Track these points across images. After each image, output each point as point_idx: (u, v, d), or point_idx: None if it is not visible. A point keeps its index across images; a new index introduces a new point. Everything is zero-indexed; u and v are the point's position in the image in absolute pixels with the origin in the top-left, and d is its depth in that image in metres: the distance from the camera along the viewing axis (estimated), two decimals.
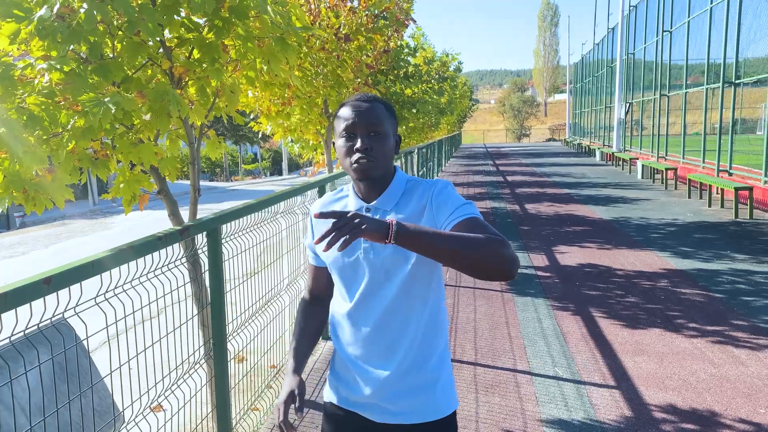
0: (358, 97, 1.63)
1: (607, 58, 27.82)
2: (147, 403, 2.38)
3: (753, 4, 11.29)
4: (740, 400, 3.60)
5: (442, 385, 1.65)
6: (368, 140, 1.57)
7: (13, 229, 19.93)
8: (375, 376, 1.63)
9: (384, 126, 1.59)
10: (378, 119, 1.58)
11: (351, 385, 1.69)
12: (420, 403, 1.62)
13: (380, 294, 1.61)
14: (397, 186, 1.64)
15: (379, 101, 1.63)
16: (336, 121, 1.64)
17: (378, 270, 1.60)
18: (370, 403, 1.65)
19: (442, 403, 1.65)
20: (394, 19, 6.93)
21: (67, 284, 1.77)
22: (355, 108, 1.59)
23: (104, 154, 2.83)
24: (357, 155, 1.56)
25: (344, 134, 1.59)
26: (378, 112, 1.60)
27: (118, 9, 2.42)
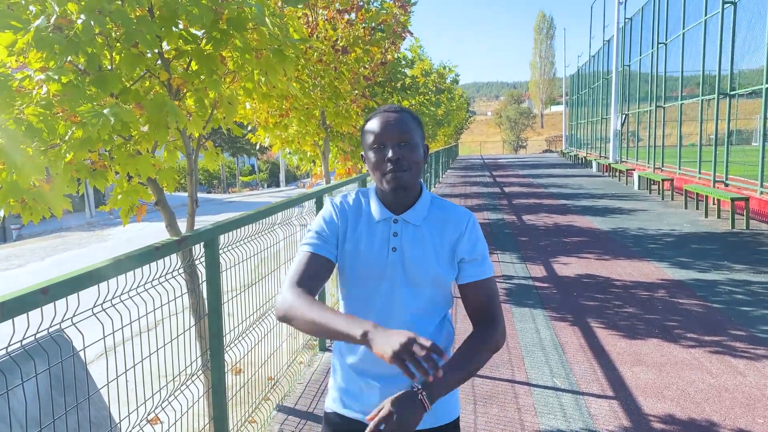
0: (385, 108, 1.63)
1: (602, 69, 28.00)
2: (144, 415, 2.36)
3: (747, 17, 11.40)
4: (738, 411, 3.59)
5: None
6: (399, 150, 1.56)
7: (9, 242, 19.88)
8: (384, 386, 1.63)
9: (414, 135, 1.59)
10: (408, 129, 1.58)
11: (357, 395, 1.68)
12: None
13: (395, 303, 1.61)
14: (424, 201, 1.65)
15: (407, 111, 1.63)
16: (365, 134, 1.63)
17: (401, 279, 1.60)
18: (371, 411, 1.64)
19: (447, 410, 1.67)
20: (391, 31, 6.98)
21: (65, 294, 1.77)
22: (384, 119, 1.59)
23: (102, 165, 2.83)
24: (389, 165, 1.56)
25: (374, 146, 1.58)
26: (407, 122, 1.60)
27: (116, 21, 2.44)
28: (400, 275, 1.61)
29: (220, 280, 2.91)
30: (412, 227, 1.62)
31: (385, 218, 1.64)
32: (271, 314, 3.84)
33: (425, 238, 1.62)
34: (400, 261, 1.60)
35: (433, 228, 1.63)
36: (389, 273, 1.61)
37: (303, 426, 3.60)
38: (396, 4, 7.19)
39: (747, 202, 10.00)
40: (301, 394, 4.03)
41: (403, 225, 1.63)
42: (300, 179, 43.35)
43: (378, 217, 1.64)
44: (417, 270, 1.60)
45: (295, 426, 3.61)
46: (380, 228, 1.64)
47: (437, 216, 1.65)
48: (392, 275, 1.61)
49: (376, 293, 1.62)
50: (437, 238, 1.62)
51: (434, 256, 1.61)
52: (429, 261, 1.60)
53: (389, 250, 1.61)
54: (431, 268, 1.60)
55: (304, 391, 4.07)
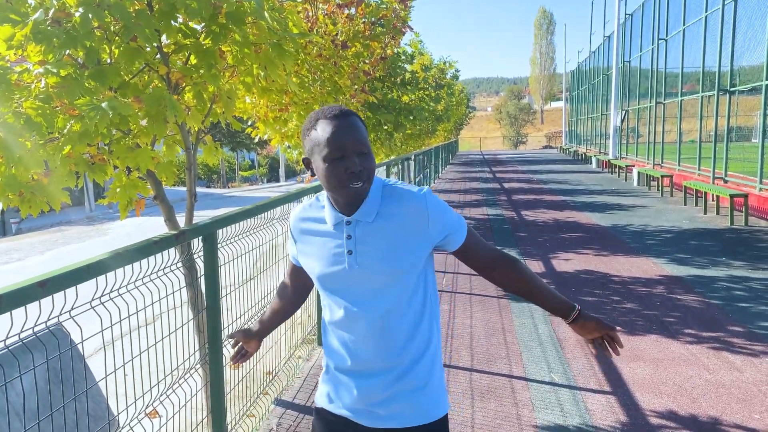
0: (334, 112, 1.50)
1: (603, 66, 27.96)
2: (142, 408, 2.37)
3: (747, 13, 11.38)
4: (735, 406, 3.60)
5: (431, 389, 1.64)
6: (360, 160, 1.49)
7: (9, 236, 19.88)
8: (366, 383, 1.63)
9: (368, 143, 1.52)
10: (363, 136, 1.51)
11: (342, 391, 1.68)
12: (410, 407, 1.62)
13: (369, 302, 1.59)
14: (374, 195, 1.58)
15: (356, 115, 1.54)
16: (313, 140, 1.51)
17: (365, 280, 1.58)
18: (361, 408, 1.65)
19: (433, 407, 1.65)
20: (391, 26, 6.97)
21: (63, 287, 1.77)
22: (341, 126, 1.48)
23: (101, 159, 2.83)
24: (351, 179, 1.48)
25: (332, 155, 1.48)
26: (362, 129, 1.52)
27: (115, 15, 2.43)
28: (360, 276, 1.58)
29: (218, 275, 2.91)
30: (364, 225, 1.57)
31: (338, 222, 1.60)
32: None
33: (381, 233, 1.56)
34: (357, 262, 1.57)
35: (389, 219, 1.57)
36: (350, 276, 1.59)
37: (301, 420, 3.61)
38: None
39: (746, 198, 10.01)
40: (299, 388, 4.04)
41: (355, 225, 1.58)
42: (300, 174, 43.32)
43: (331, 222, 1.61)
44: (376, 267, 1.56)
45: (293, 420, 3.62)
46: (335, 234, 1.61)
47: (392, 206, 1.57)
48: (353, 278, 1.58)
49: (343, 298, 1.61)
50: (394, 229, 1.56)
51: (393, 248, 1.56)
52: (387, 255, 1.56)
53: (345, 254, 1.58)
54: (390, 262, 1.56)
55: (302, 385, 4.09)
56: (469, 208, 13.31)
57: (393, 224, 1.56)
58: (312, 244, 1.66)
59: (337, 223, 1.60)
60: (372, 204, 1.57)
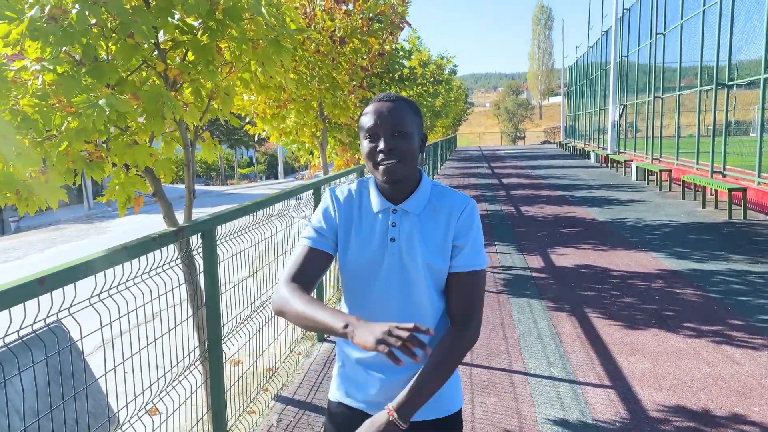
0: (380, 97, 1.60)
1: (601, 60, 27.93)
2: (142, 405, 2.37)
3: (745, 7, 11.37)
4: (735, 399, 3.61)
5: (450, 383, 1.66)
6: (392, 141, 1.54)
7: (8, 234, 19.86)
8: (389, 377, 1.62)
9: (408, 125, 1.56)
10: (401, 119, 1.55)
11: (360, 385, 1.67)
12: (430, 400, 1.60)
13: (396, 295, 1.60)
14: (423, 190, 1.63)
15: (403, 100, 1.60)
16: (360, 124, 1.61)
17: (403, 269, 1.59)
18: (381, 402, 1.63)
19: (449, 401, 1.66)
20: (388, 22, 6.95)
21: (61, 284, 1.77)
22: (378, 108, 1.56)
23: (99, 156, 2.83)
24: (381, 156, 1.54)
25: (367, 135, 1.57)
26: (401, 112, 1.57)
27: (112, 11, 2.42)
28: (398, 265, 1.59)
29: (217, 271, 2.91)
30: (411, 216, 1.60)
31: (383, 209, 1.62)
32: (269, 305, 3.85)
33: (424, 227, 1.60)
34: (397, 251, 1.59)
35: (432, 216, 1.61)
36: (387, 263, 1.60)
37: (301, 416, 3.62)
38: None
39: (744, 192, 10.01)
40: (299, 384, 4.04)
41: (402, 215, 1.61)
42: (298, 171, 43.30)
43: (377, 207, 1.63)
44: (413, 259, 1.58)
45: (293, 416, 3.62)
46: (379, 219, 1.62)
47: (437, 203, 1.62)
48: (390, 266, 1.59)
49: (373, 284, 1.61)
50: (435, 226, 1.60)
51: (432, 245, 1.59)
52: (427, 250, 1.58)
53: (388, 241, 1.60)
54: (426, 257, 1.58)
55: (302, 381, 4.09)
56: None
57: (436, 221, 1.60)
58: (355, 223, 1.64)
59: (383, 210, 1.62)
60: (420, 197, 1.62)
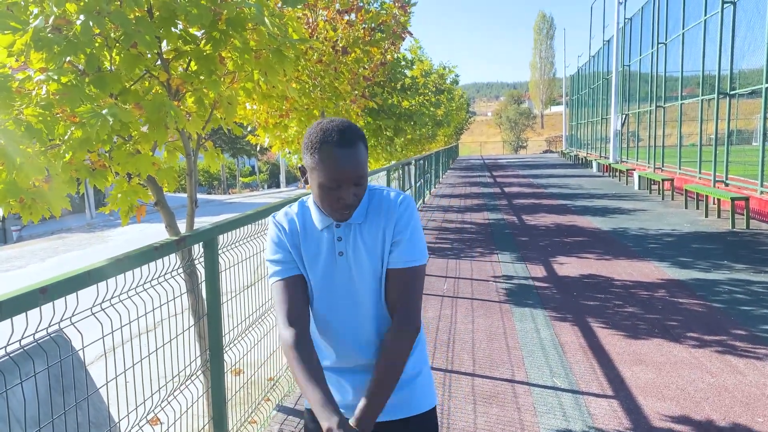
0: (339, 139, 1.46)
1: (602, 70, 27.99)
2: (143, 415, 2.37)
3: (746, 17, 11.39)
4: (738, 410, 3.59)
5: (421, 381, 1.69)
6: (354, 191, 1.51)
7: (10, 243, 19.89)
8: (356, 379, 1.65)
9: (366, 168, 1.52)
10: (363, 166, 1.51)
11: (333, 390, 1.68)
12: (400, 399, 1.65)
13: (361, 301, 1.62)
14: (363, 199, 1.61)
15: (359, 138, 1.50)
16: (314, 161, 1.48)
17: (356, 280, 1.60)
18: (353, 405, 1.65)
19: (422, 399, 1.68)
20: (390, 32, 6.99)
21: (63, 294, 1.77)
22: (342, 157, 1.46)
23: (102, 165, 2.84)
24: (342, 207, 1.52)
25: (328, 183, 1.48)
26: (363, 157, 1.50)
27: (115, 22, 2.44)
28: (351, 276, 1.60)
29: (219, 280, 2.91)
30: (354, 227, 1.60)
31: (327, 225, 1.61)
32: (270, 315, 3.84)
33: (368, 234, 1.60)
34: (346, 264, 1.60)
35: (374, 221, 1.60)
36: (341, 277, 1.60)
37: (303, 426, 3.60)
38: (396, 4, 7.20)
39: (747, 201, 10.00)
40: (300, 394, 4.03)
41: (345, 228, 1.60)
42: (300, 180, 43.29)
43: (321, 225, 1.61)
44: (366, 268, 1.59)
45: (294, 426, 3.61)
46: (325, 236, 1.62)
47: (377, 208, 1.61)
48: (344, 278, 1.60)
49: (334, 299, 1.62)
50: (375, 232, 1.60)
51: (380, 248, 1.59)
52: (375, 255, 1.59)
53: (336, 256, 1.60)
54: (378, 261, 1.59)
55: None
56: (470, 213, 13.30)
57: (377, 225, 1.60)
58: (302, 245, 1.64)
59: (327, 226, 1.62)
60: (361, 207, 1.60)
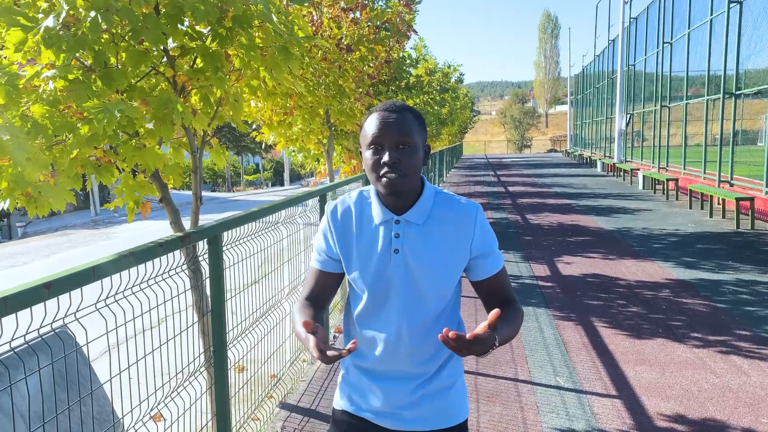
0: (386, 106, 1.54)
1: (607, 69, 27.92)
2: (147, 410, 2.37)
3: (753, 17, 11.35)
4: (742, 410, 3.58)
5: (455, 392, 1.66)
6: (396, 153, 1.49)
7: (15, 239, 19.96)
8: (395, 386, 1.61)
9: (413, 137, 1.51)
10: (407, 130, 1.50)
11: (366, 394, 1.66)
12: (435, 409, 1.62)
13: (406, 307, 1.58)
14: (426, 199, 1.59)
15: (409, 110, 1.55)
16: (363, 132, 1.55)
17: (408, 281, 1.57)
18: (386, 411, 1.63)
19: (456, 411, 1.66)
20: (395, 30, 6.98)
21: (68, 289, 1.77)
22: (383, 118, 1.51)
23: (107, 161, 2.84)
24: (385, 169, 1.49)
25: (371, 146, 1.51)
26: (407, 123, 1.51)
27: (123, 18, 2.44)
28: (405, 277, 1.56)
29: (223, 277, 2.91)
30: (414, 227, 1.56)
31: (386, 220, 1.58)
32: (273, 312, 3.85)
33: (429, 237, 1.56)
34: (403, 263, 1.56)
35: (439, 225, 1.57)
36: (394, 276, 1.56)
37: (306, 423, 3.61)
38: (401, 2, 7.19)
39: (752, 202, 9.96)
40: (304, 391, 4.03)
41: (405, 225, 1.57)
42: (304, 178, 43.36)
43: (379, 219, 1.59)
44: (422, 270, 1.55)
45: (297, 423, 3.61)
46: (382, 231, 1.58)
47: (443, 212, 1.58)
48: (397, 278, 1.56)
49: (384, 299, 1.59)
50: (443, 236, 1.57)
51: (440, 254, 1.56)
52: (434, 260, 1.56)
53: (392, 253, 1.56)
54: (437, 267, 1.55)
55: (306, 388, 4.08)
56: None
57: (442, 230, 1.57)
58: (355, 238, 1.61)
59: (386, 221, 1.58)
60: (423, 206, 1.58)
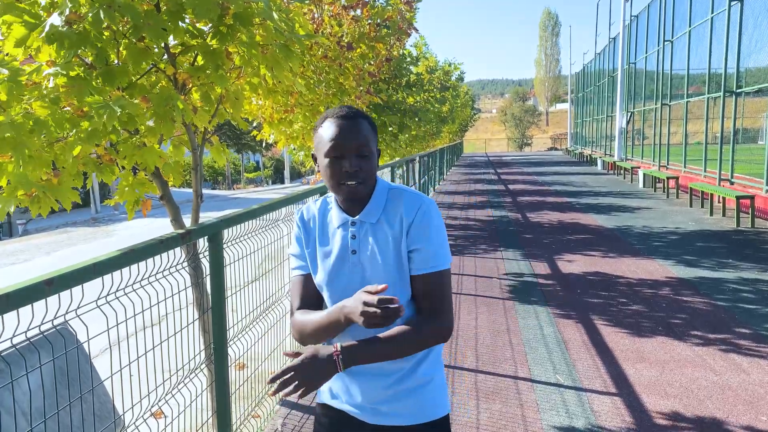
0: (341, 113, 1.56)
1: (608, 67, 27.89)
2: (147, 407, 2.38)
3: (753, 14, 11.34)
4: (741, 408, 3.59)
5: (434, 387, 1.66)
6: (357, 161, 1.53)
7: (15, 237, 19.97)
8: (371, 382, 1.63)
9: (370, 144, 1.56)
10: (365, 138, 1.54)
11: (346, 389, 1.68)
12: (413, 405, 1.63)
13: None
14: (379, 197, 1.61)
15: (363, 116, 1.58)
16: (319, 137, 1.56)
17: (369, 280, 1.59)
18: (365, 405, 1.65)
19: (435, 405, 1.66)
20: (396, 28, 6.97)
21: (69, 286, 1.78)
22: (342, 126, 1.54)
23: (109, 159, 2.85)
24: (346, 178, 1.53)
25: (331, 154, 1.54)
26: (365, 131, 1.55)
27: (125, 14, 2.44)
28: (361, 276, 1.59)
29: (223, 275, 2.92)
30: (368, 225, 1.60)
31: (343, 222, 1.63)
32: (274, 309, 3.85)
33: (380, 234, 1.59)
34: (359, 262, 1.60)
35: (389, 221, 1.59)
36: (352, 276, 1.60)
37: (306, 421, 3.62)
38: (401, 0, 7.18)
39: (752, 200, 9.96)
40: None
41: (359, 226, 1.60)
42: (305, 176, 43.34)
43: (337, 222, 1.63)
44: (374, 268, 1.58)
45: (297, 420, 3.62)
46: (340, 233, 1.63)
47: (394, 208, 1.60)
48: (355, 278, 1.60)
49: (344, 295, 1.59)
50: (389, 233, 1.58)
51: (387, 250, 1.58)
52: (383, 256, 1.58)
53: (349, 254, 1.60)
54: (386, 264, 1.57)
55: None
56: (473, 209, 13.29)
57: (391, 226, 1.59)
58: (318, 243, 1.66)
59: (343, 224, 1.63)
60: (376, 205, 1.60)
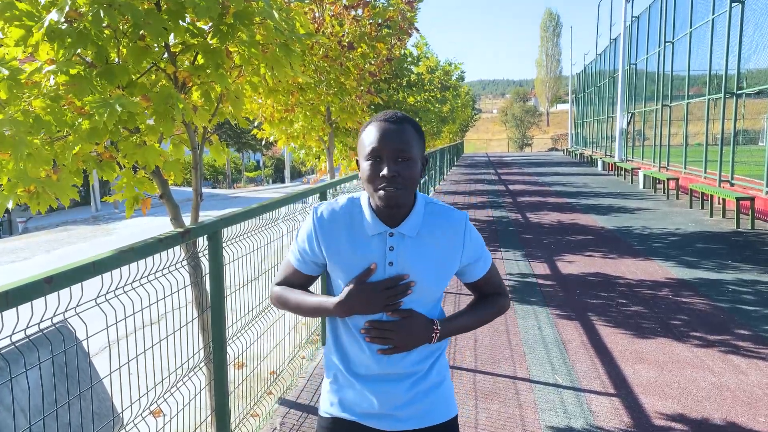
0: (386, 117, 1.52)
1: (609, 68, 27.90)
2: (146, 406, 2.38)
3: (754, 16, 11.34)
4: (740, 409, 3.59)
5: (444, 389, 1.67)
6: (396, 166, 1.47)
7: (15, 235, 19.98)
8: (390, 388, 1.62)
9: (413, 150, 1.50)
10: (407, 143, 1.49)
11: (357, 398, 1.65)
12: (429, 405, 1.64)
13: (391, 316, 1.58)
14: (418, 210, 1.58)
15: (409, 122, 1.53)
16: (361, 141, 1.53)
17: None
18: (381, 413, 1.63)
19: (446, 406, 1.67)
20: (397, 28, 6.97)
21: (68, 284, 1.78)
22: (383, 129, 1.49)
23: (109, 157, 2.85)
24: (383, 182, 1.47)
25: (370, 157, 1.49)
26: (407, 135, 1.50)
27: (126, 13, 2.45)
28: None
29: (223, 273, 2.92)
30: (408, 239, 1.57)
31: (379, 232, 1.57)
32: (273, 308, 3.86)
33: (423, 249, 1.58)
34: (395, 274, 1.56)
35: (431, 237, 1.58)
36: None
37: (305, 420, 3.62)
38: (403, 0, 7.18)
39: (752, 201, 9.97)
40: (303, 388, 4.05)
41: (399, 238, 1.56)
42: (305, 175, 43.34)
43: (372, 231, 1.57)
44: (416, 281, 1.56)
45: (296, 420, 3.62)
46: (375, 242, 1.57)
47: (433, 223, 1.59)
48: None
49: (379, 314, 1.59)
50: (435, 247, 1.58)
51: (432, 266, 1.58)
52: (427, 271, 1.57)
53: (386, 265, 1.56)
54: (430, 279, 1.58)
55: (306, 385, 4.09)
56: (474, 209, 13.29)
57: (434, 242, 1.59)
58: (346, 248, 1.59)
59: (379, 233, 1.57)
60: (416, 219, 1.58)
